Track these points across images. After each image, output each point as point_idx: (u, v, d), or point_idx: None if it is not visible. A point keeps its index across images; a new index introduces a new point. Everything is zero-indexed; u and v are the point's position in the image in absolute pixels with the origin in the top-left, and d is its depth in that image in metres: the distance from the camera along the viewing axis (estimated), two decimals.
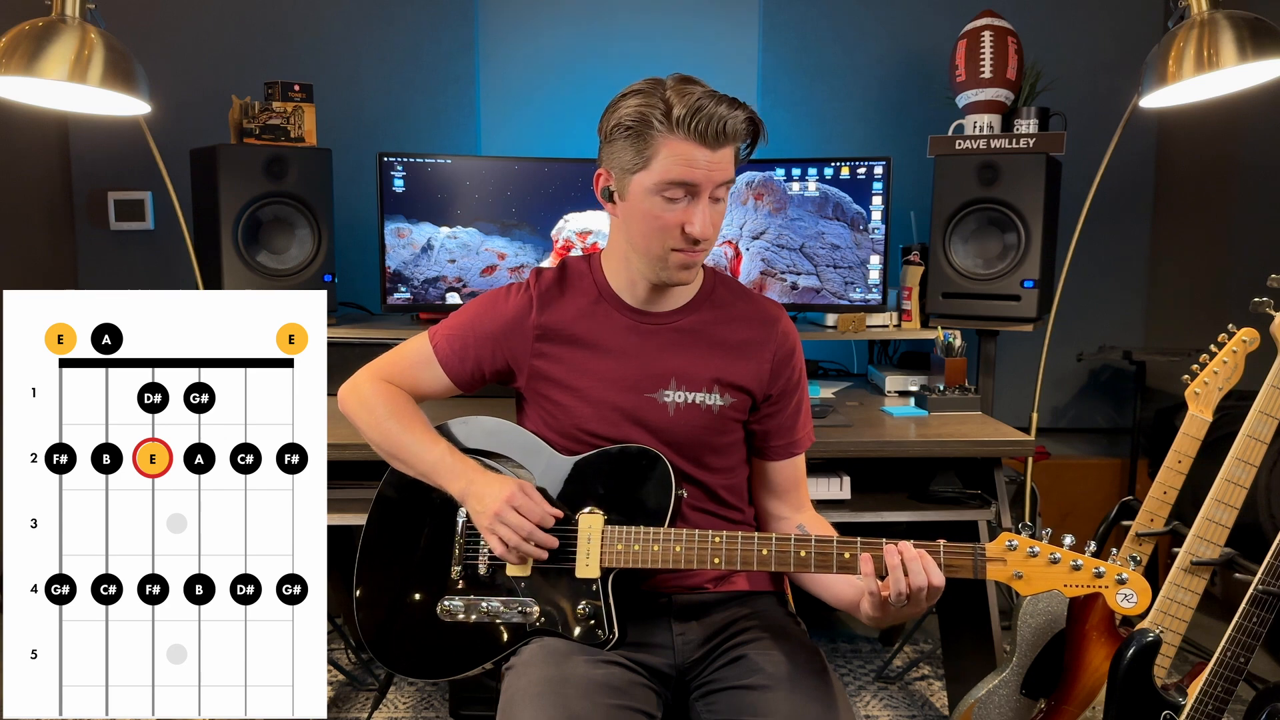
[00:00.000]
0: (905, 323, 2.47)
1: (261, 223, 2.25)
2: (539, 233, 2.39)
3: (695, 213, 1.27)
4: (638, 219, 1.30)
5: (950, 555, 1.18)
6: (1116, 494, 2.97)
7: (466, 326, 1.44)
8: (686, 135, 1.23)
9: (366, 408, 1.44)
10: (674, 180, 1.25)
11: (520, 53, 2.85)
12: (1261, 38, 1.72)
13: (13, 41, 1.71)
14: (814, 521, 1.46)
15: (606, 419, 1.37)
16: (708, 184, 1.26)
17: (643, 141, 1.25)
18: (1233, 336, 1.73)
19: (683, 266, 1.32)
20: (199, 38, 2.78)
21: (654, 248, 1.30)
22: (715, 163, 1.25)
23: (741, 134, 1.27)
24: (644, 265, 1.34)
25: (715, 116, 1.22)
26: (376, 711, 2.31)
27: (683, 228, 1.27)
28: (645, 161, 1.26)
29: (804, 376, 1.47)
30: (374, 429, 1.43)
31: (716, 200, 1.29)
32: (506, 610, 1.32)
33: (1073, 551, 1.17)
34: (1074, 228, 2.24)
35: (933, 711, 2.33)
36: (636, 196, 1.29)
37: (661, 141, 1.24)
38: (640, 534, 1.28)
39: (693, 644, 1.35)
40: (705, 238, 1.28)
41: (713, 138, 1.23)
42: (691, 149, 1.24)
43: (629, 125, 1.25)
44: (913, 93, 2.84)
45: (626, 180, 1.29)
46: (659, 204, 1.27)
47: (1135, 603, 1.15)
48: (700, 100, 1.22)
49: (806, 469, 1.51)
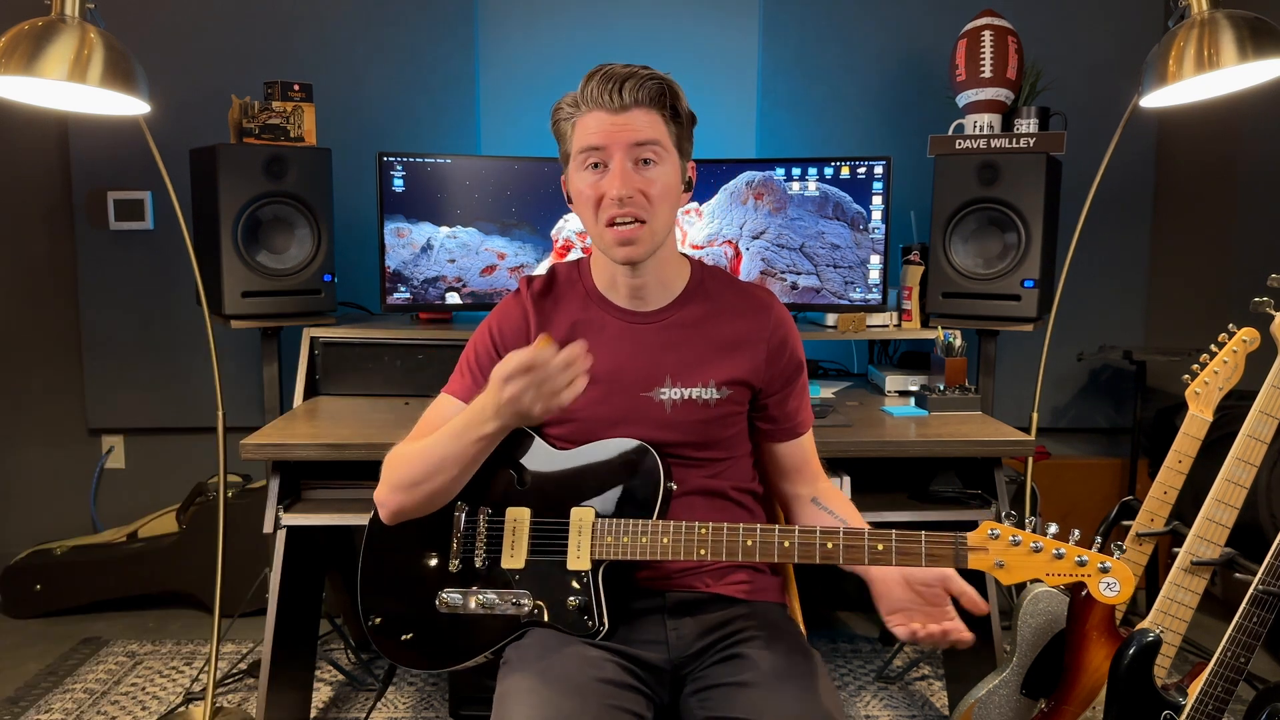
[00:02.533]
0: (905, 322, 2.47)
1: (261, 222, 2.25)
2: (539, 232, 2.39)
3: (608, 175, 1.29)
4: (575, 203, 1.36)
5: (932, 545, 1.19)
6: (1117, 494, 2.96)
7: (472, 357, 1.44)
8: (590, 106, 1.29)
9: (404, 463, 1.35)
10: (583, 148, 1.30)
11: (520, 53, 2.85)
12: (1261, 38, 1.72)
13: (12, 41, 1.71)
14: (829, 494, 1.47)
15: (603, 419, 1.37)
16: (615, 144, 1.28)
17: (565, 130, 1.33)
18: (1233, 336, 1.73)
19: (620, 241, 1.30)
20: (199, 38, 2.78)
21: (592, 225, 1.34)
22: (620, 123, 1.28)
23: (650, 93, 1.29)
24: (599, 252, 1.38)
25: (610, 77, 1.28)
26: (376, 711, 2.30)
27: (603, 195, 1.29)
28: (569, 145, 1.33)
29: (802, 359, 1.47)
30: (419, 469, 1.32)
31: (647, 164, 1.30)
32: (502, 602, 1.34)
33: (1055, 540, 1.17)
34: (1074, 228, 2.24)
35: (933, 711, 2.33)
36: (571, 182, 1.35)
37: (576, 121, 1.31)
38: (629, 526, 1.30)
39: (687, 639, 1.35)
40: (622, 196, 1.28)
41: (611, 100, 1.27)
42: (595, 117, 1.29)
43: (556, 121, 1.34)
44: (913, 93, 2.84)
45: (567, 175, 1.36)
46: (584, 178, 1.31)
47: (1118, 591, 1.15)
48: (598, 69, 1.30)
49: None
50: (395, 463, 1.35)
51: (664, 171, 1.31)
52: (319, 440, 1.84)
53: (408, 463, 1.32)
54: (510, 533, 1.36)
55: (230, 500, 2.31)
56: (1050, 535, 1.17)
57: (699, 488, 1.40)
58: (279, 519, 1.88)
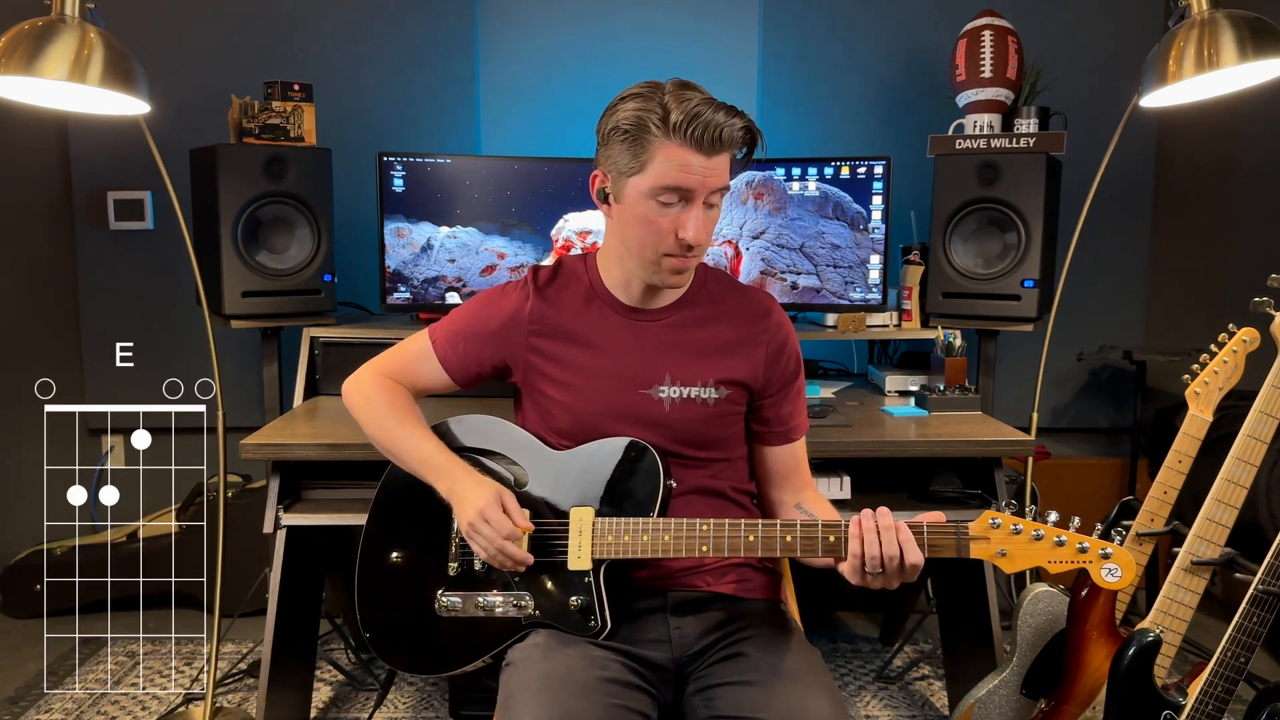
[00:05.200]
0: (905, 322, 2.47)
1: (261, 222, 2.25)
2: (539, 232, 2.39)
3: (689, 218, 1.27)
4: (632, 222, 1.31)
5: (934, 535, 1.19)
6: (1117, 494, 2.96)
7: (464, 324, 1.46)
8: (683, 141, 1.23)
9: (367, 402, 1.46)
10: (669, 185, 1.25)
11: (520, 53, 2.85)
12: (1261, 37, 1.72)
13: (12, 41, 1.70)
14: (814, 500, 1.47)
15: (603, 415, 1.38)
16: (702, 190, 1.27)
17: (639, 145, 1.26)
18: (1233, 336, 1.73)
19: (675, 271, 1.33)
20: (199, 38, 2.78)
21: (647, 252, 1.31)
22: (710, 169, 1.26)
23: (738, 142, 1.28)
24: (638, 268, 1.36)
25: (712, 124, 1.23)
26: (377, 711, 2.30)
27: (676, 233, 1.28)
28: (641, 165, 1.26)
29: (800, 364, 1.47)
30: (372, 423, 1.45)
31: (710, 206, 1.30)
32: (503, 604, 1.34)
33: (1056, 528, 1.17)
34: (1074, 228, 2.24)
35: (933, 711, 2.33)
36: (632, 200, 1.29)
37: (658, 146, 1.25)
38: (630, 525, 1.30)
39: (690, 638, 1.36)
40: (699, 244, 1.29)
41: (709, 144, 1.24)
42: (687, 155, 1.24)
43: (626, 129, 1.26)
44: (913, 92, 2.83)
45: (622, 183, 1.30)
46: (654, 208, 1.28)
47: (1120, 577, 1.15)
48: (698, 107, 1.23)
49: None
50: (374, 397, 1.46)
51: (719, 212, 1.34)
52: (319, 440, 1.84)
53: (377, 419, 1.44)
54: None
55: (230, 500, 2.31)
56: (1051, 524, 1.17)
57: (698, 487, 1.41)
58: (279, 519, 1.88)
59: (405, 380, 1.48)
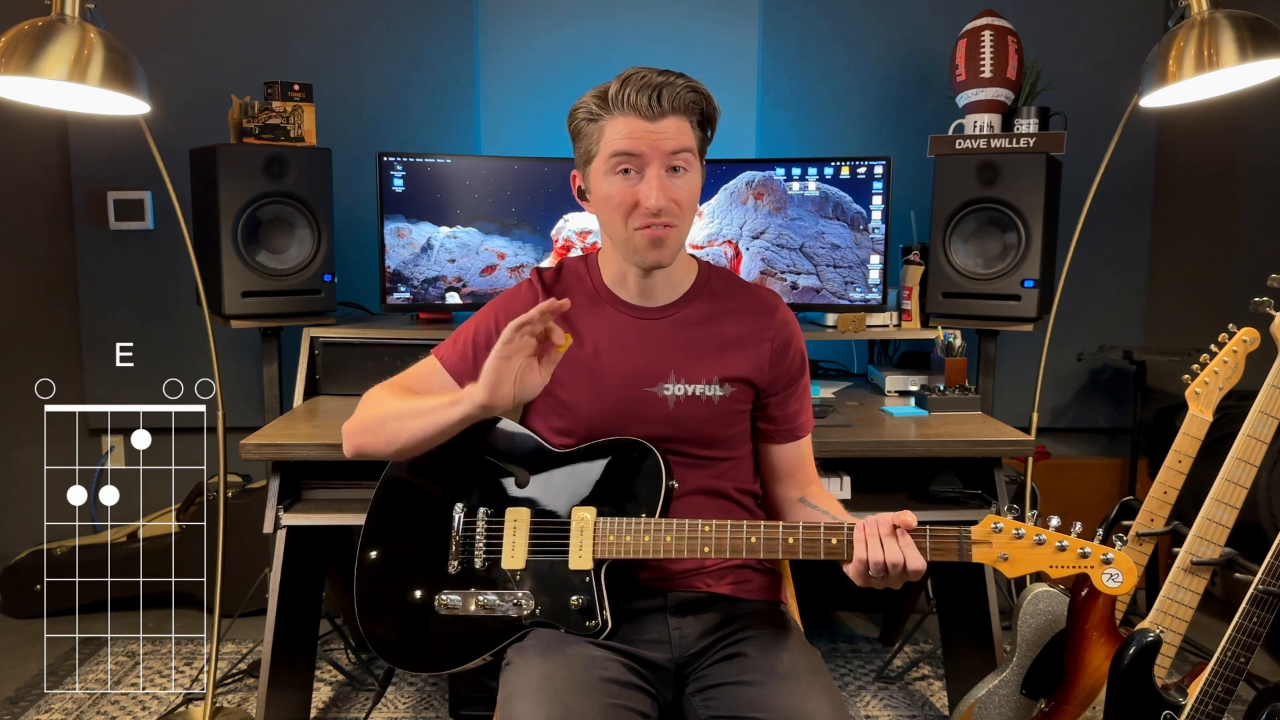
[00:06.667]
0: (905, 322, 2.47)
1: (261, 222, 2.25)
2: (539, 232, 2.39)
3: (644, 184, 1.29)
4: (601, 206, 1.34)
5: (935, 539, 1.19)
6: (1117, 494, 2.96)
7: (470, 333, 1.45)
8: (623, 111, 1.28)
9: (364, 425, 1.41)
10: (617, 151, 1.29)
11: (520, 53, 2.85)
12: (1261, 37, 1.72)
13: (12, 41, 1.70)
14: (818, 495, 1.47)
15: (608, 414, 1.38)
16: (655, 153, 1.28)
17: (591, 129, 1.31)
18: (1233, 336, 1.73)
19: (651, 244, 1.32)
20: (199, 38, 2.78)
21: (619, 229, 1.33)
22: (657, 132, 1.28)
23: (684, 102, 1.29)
24: (623, 252, 1.37)
25: (648, 85, 1.27)
26: (375, 711, 2.30)
27: (637, 202, 1.29)
28: (596, 147, 1.31)
29: (805, 362, 1.47)
30: (381, 432, 1.39)
31: (676, 171, 1.30)
32: (503, 603, 1.34)
33: (1058, 533, 1.17)
34: (1074, 228, 2.24)
35: (933, 711, 2.33)
36: (596, 183, 1.33)
37: (605, 124, 1.30)
38: (631, 525, 1.30)
39: (690, 638, 1.36)
40: (661, 208, 1.29)
41: (650, 108, 1.27)
42: (631, 121, 1.28)
43: (580, 122, 1.33)
44: (913, 93, 2.84)
45: (588, 173, 1.35)
46: (615, 183, 1.30)
47: (1121, 582, 1.15)
48: (632, 73, 1.28)
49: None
50: (371, 402, 1.42)
51: (692, 179, 1.33)
52: (319, 440, 1.84)
53: (379, 424, 1.38)
54: (510, 533, 1.36)
55: (230, 500, 2.31)
56: (1053, 528, 1.18)
57: (701, 487, 1.40)
58: (279, 519, 1.88)
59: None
